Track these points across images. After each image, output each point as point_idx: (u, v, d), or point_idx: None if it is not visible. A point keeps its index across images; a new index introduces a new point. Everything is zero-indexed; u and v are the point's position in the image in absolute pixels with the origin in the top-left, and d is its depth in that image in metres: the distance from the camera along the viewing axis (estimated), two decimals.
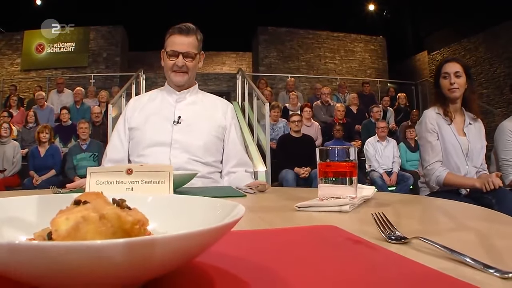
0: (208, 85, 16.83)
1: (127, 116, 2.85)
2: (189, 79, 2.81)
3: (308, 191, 1.89)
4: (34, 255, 0.40)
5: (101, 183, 1.08)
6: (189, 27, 2.74)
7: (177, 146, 2.66)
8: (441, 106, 3.57)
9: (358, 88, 15.54)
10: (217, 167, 2.81)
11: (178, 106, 2.80)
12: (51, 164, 8.43)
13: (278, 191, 2.03)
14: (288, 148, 8.45)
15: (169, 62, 2.73)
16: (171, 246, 0.46)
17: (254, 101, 10.74)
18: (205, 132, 2.75)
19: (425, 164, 3.58)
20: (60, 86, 12.81)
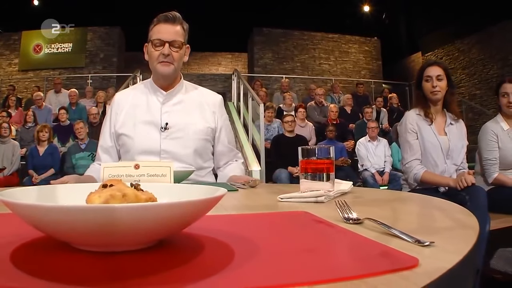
0: (204, 85, 16.66)
1: (112, 118, 2.78)
2: (175, 71, 2.67)
3: (294, 186, 2.05)
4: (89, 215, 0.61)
5: (113, 176, 1.26)
6: (175, 15, 2.66)
7: (166, 156, 2.62)
8: (422, 108, 3.75)
9: (352, 88, 15.68)
10: (208, 167, 2.82)
11: (165, 108, 2.70)
12: (50, 163, 8.56)
13: (267, 186, 2.20)
14: (282, 148, 8.55)
15: (155, 52, 2.61)
16: (173, 209, 0.67)
17: (249, 102, 10.87)
18: (194, 138, 2.69)
19: (404, 162, 3.79)
20: (57, 87, 12.96)
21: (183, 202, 0.67)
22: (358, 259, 0.69)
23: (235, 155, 2.99)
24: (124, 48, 18.05)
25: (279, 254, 0.71)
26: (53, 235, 0.70)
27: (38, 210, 0.64)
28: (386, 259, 0.67)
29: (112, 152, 2.79)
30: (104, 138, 2.81)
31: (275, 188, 2.10)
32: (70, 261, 0.66)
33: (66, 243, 0.71)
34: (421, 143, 3.73)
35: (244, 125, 11.40)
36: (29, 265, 0.64)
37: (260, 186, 2.15)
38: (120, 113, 2.75)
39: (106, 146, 2.79)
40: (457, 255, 0.68)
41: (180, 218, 0.70)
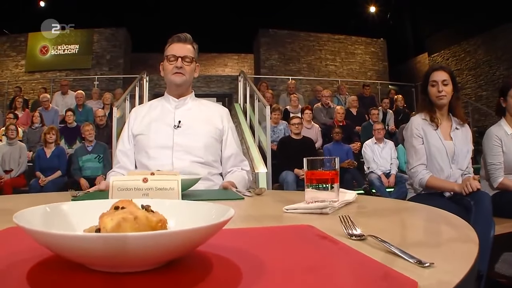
0: (211, 87, 17.08)
1: (130, 125, 3.06)
2: (187, 82, 3.01)
3: (299, 194, 2.07)
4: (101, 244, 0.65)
5: (122, 189, 1.29)
6: (186, 36, 3.00)
7: (178, 149, 2.85)
8: (428, 113, 3.76)
9: (358, 90, 15.66)
10: (217, 168, 2.99)
11: (178, 112, 3.00)
12: (57, 165, 8.59)
13: (273, 194, 2.23)
14: (288, 150, 8.59)
15: (169, 65, 2.94)
16: (182, 237, 0.71)
17: (256, 104, 10.89)
18: (204, 135, 2.94)
19: (409, 167, 3.79)
20: (64, 88, 13.00)
21: (193, 229, 0.71)
22: (359, 280, 0.72)
23: (242, 161, 3.14)
24: (130, 49, 18.09)
25: (284, 273, 0.74)
26: (66, 258, 0.73)
27: (51, 237, 0.68)
28: (386, 282, 0.69)
29: (130, 155, 3.04)
30: (123, 143, 3.08)
31: (280, 196, 2.13)
32: (84, 281, 0.70)
33: None
34: (426, 148, 3.73)
35: (251, 126, 11.39)
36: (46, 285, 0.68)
37: (266, 193, 2.17)
38: (137, 119, 3.07)
39: (124, 149, 3.05)
40: (456, 277, 0.70)
41: (191, 243, 0.75)
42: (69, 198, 2.06)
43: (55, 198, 2.23)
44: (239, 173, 3.01)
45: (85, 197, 2.07)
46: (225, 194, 2.21)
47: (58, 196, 2.30)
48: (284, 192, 2.38)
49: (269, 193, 2.21)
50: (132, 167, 3.00)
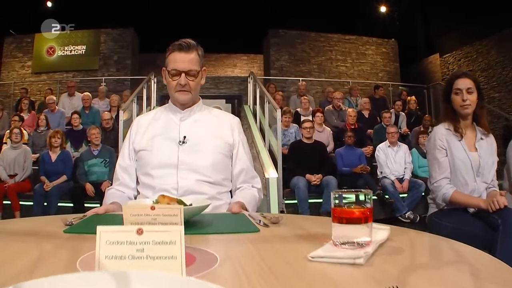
0: (220, 88, 16.87)
1: (131, 138, 2.82)
2: (192, 98, 2.75)
3: (323, 223, 1.84)
4: None
5: (111, 243, 1.08)
6: (189, 43, 2.66)
7: (184, 167, 2.60)
8: (452, 122, 3.51)
9: (369, 91, 15.48)
10: (226, 186, 2.75)
11: (183, 125, 2.73)
12: (62, 170, 8.43)
13: (291, 222, 1.96)
14: (299, 155, 8.46)
15: (172, 82, 2.67)
16: None
17: (266, 106, 10.70)
18: (212, 151, 2.68)
19: (432, 181, 3.52)
20: (71, 90, 12.83)
21: None
22: None
23: (253, 178, 2.88)
24: (138, 50, 17.93)
25: None
26: None
27: None
28: None
29: (130, 171, 2.80)
30: (123, 157, 2.84)
31: (300, 227, 1.85)
32: None
33: None
34: (450, 160, 3.48)
35: (260, 129, 11.19)
36: None
37: (283, 221, 1.91)
38: (139, 132, 2.81)
39: (124, 165, 2.82)
40: None
41: None
42: (61, 225, 1.85)
43: (47, 223, 2.00)
44: (249, 191, 2.76)
45: (80, 226, 1.85)
46: (237, 224, 1.96)
47: (50, 221, 2.04)
48: (303, 219, 2.11)
49: (286, 221, 1.95)
50: (133, 184, 2.77)
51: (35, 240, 1.58)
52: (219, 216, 2.22)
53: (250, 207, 2.56)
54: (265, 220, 1.93)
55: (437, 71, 18.10)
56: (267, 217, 1.97)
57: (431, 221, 3.56)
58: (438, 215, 3.52)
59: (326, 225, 1.51)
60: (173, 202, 1.87)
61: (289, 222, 1.93)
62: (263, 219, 1.94)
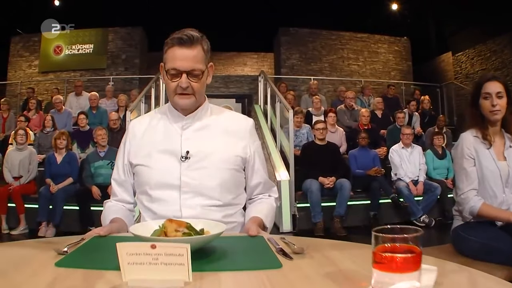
0: (229, 87, 16.64)
1: (126, 148, 2.40)
2: (196, 102, 2.28)
3: (355, 255, 1.59)
4: None
5: (131, 254, 1.24)
6: (192, 36, 2.18)
7: (187, 190, 2.19)
8: (480, 129, 3.22)
9: (382, 90, 15.28)
10: (238, 205, 2.37)
11: (185, 134, 2.28)
12: (68, 172, 8.24)
13: (317, 253, 1.65)
14: (312, 157, 8.25)
15: (171, 83, 2.20)
16: None
17: (277, 106, 10.46)
18: (221, 168, 2.25)
19: (459, 192, 3.22)
20: (78, 89, 12.66)
21: None
22: None
23: (270, 188, 2.52)
24: (146, 49, 17.72)
25: None
26: None
27: None
28: None
29: (127, 186, 2.42)
30: (118, 171, 2.43)
31: (328, 261, 1.55)
32: None
33: None
34: (478, 170, 3.20)
35: (271, 129, 10.97)
36: None
37: (308, 252, 1.64)
38: (134, 142, 2.37)
39: (120, 180, 2.42)
40: None
41: None
42: (53, 254, 1.58)
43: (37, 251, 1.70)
44: (266, 203, 2.44)
45: (75, 258, 1.58)
46: (255, 256, 1.67)
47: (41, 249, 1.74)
48: (330, 247, 1.80)
49: (312, 249, 1.67)
50: (131, 199, 2.43)
51: (18, 279, 1.32)
52: (233, 242, 1.89)
53: (268, 222, 2.30)
54: (287, 248, 1.68)
55: (449, 70, 17.83)
56: (289, 244, 1.71)
57: (457, 235, 3.28)
58: (464, 228, 3.24)
59: (359, 257, 1.46)
60: (182, 228, 1.62)
61: (315, 251, 1.65)
62: (285, 247, 1.68)
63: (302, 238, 1.95)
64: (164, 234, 1.61)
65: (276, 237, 1.88)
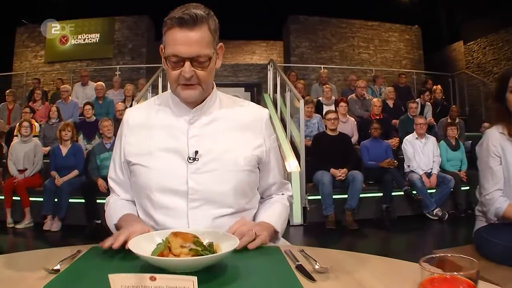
0: (238, 76, 16.37)
1: (122, 143, 2.04)
2: (203, 92, 1.91)
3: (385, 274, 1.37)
4: None
5: (127, 287, 1.04)
6: (196, 15, 1.76)
7: (196, 197, 1.86)
8: (506, 125, 2.97)
9: (392, 79, 15.02)
10: (252, 208, 2.06)
11: (192, 131, 1.92)
12: (73, 164, 8.09)
13: (342, 273, 1.42)
14: (323, 148, 8.07)
15: (173, 72, 1.83)
16: None
17: (287, 95, 10.29)
18: (234, 170, 1.91)
19: (484, 193, 2.97)
20: (84, 79, 12.47)
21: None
22: None
23: (284, 185, 2.23)
24: (153, 37, 17.47)
25: None
26: None
27: None
28: None
29: (126, 187, 2.07)
30: (114, 169, 2.10)
31: (356, 283, 1.35)
32: None
33: None
34: (504, 169, 2.96)
35: (281, 119, 10.78)
36: None
37: (332, 275, 1.39)
38: (131, 136, 2.01)
39: (118, 180, 2.09)
40: None
41: None
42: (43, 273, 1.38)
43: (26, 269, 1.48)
44: (278, 203, 2.13)
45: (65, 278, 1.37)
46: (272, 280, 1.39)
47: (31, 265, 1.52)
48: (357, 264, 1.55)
49: (336, 268, 1.44)
50: (132, 198, 2.07)
51: None
52: (246, 256, 1.61)
53: (279, 226, 1.99)
54: (308, 264, 1.47)
55: (461, 59, 17.47)
56: (309, 259, 1.50)
57: (480, 237, 3.05)
58: (488, 230, 2.99)
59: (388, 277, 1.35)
60: (188, 243, 1.39)
61: (339, 271, 1.43)
62: (304, 263, 1.48)
63: (321, 250, 1.72)
64: (168, 249, 1.40)
65: (294, 249, 1.67)
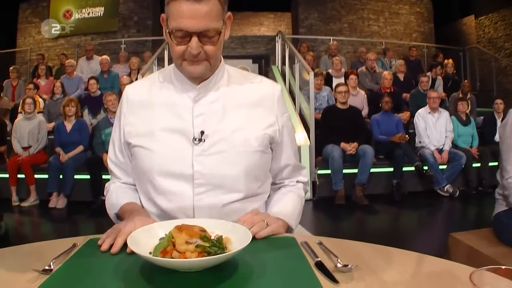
0: (246, 48, 16.18)
1: (121, 123, 1.86)
2: (211, 68, 1.72)
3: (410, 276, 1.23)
4: None
5: None
6: None
7: (202, 182, 1.69)
8: None
9: (403, 52, 14.81)
10: (264, 193, 1.89)
11: (198, 109, 1.74)
12: (78, 140, 7.98)
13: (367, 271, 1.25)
14: (333, 121, 7.95)
15: (177, 48, 1.64)
16: None
17: (296, 67, 10.04)
18: (245, 151, 1.73)
19: (506, 176, 2.79)
20: (89, 53, 12.28)
21: None
22: None
23: (299, 170, 2.02)
24: (159, 10, 17.19)
25: None
26: None
27: None
28: None
29: (126, 169, 1.91)
30: (114, 150, 1.92)
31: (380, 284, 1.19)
32: None
33: None
34: None
35: (290, 91, 10.67)
36: None
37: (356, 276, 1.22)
38: (131, 116, 1.83)
39: (118, 162, 1.92)
40: None
41: None
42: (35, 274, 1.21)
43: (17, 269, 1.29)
44: (292, 194, 1.93)
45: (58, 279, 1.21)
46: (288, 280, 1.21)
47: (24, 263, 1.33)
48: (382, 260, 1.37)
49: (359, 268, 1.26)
50: (133, 181, 1.91)
51: None
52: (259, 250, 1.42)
53: (294, 220, 1.80)
54: (327, 260, 1.32)
55: (471, 33, 17.14)
56: (329, 254, 1.35)
57: (499, 222, 2.89)
58: (509, 215, 2.85)
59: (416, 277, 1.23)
60: (194, 238, 1.23)
61: (364, 269, 1.26)
62: (324, 258, 1.33)
63: (341, 241, 1.54)
64: (172, 245, 1.24)
65: (312, 241, 1.50)
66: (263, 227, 1.57)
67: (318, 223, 6.86)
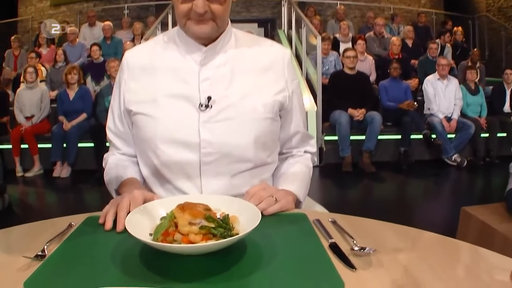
0: (251, 11, 15.87)
1: (121, 90, 1.73)
2: (218, 28, 1.59)
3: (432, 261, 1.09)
4: None
5: None
6: None
7: (209, 150, 1.58)
8: None
9: (411, 18, 14.55)
10: (273, 162, 1.79)
11: (204, 73, 1.60)
12: (81, 108, 7.85)
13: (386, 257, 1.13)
14: (341, 86, 7.83)
15: (182, 6, 1.51)
16: None
17: (303, 31, 9.84)
18: (255, 118, 1.61)
19: None
20: (91, 19, 12.11)
21: None
22: None
23: (307, 140, 1.90)
24: None
25: None
26: None
27: None
28: None
29: (126, 138, 1.79)
30: (113, 118, 1.81)
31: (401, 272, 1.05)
32: None
33: None
34: None
35: (296, 56, 10.52)
36: None
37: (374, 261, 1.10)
38: (132, 82, 1.69)
39: (117, 131, 1.80)
40: None
41: None
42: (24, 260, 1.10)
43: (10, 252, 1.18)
44: (301, 165, 1.83)
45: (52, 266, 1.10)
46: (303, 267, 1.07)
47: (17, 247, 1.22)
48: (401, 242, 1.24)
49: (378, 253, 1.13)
50: (134, 152, 1.80)
51: None
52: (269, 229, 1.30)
53: (302, 194, 1.70)
54: (343, 240, 1.21)
55: (481, 1, 16.72)
56: (344, 235, 1.24)
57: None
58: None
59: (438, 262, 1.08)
60: (198, 219, 1.10)
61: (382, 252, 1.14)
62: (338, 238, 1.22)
63: (356, 219, 1.42)
64: (174, 225, 1.12)
65: (324, 217, 1.39)
66: (271, 203, 1.47)
67: (325, 190, 6.78)
